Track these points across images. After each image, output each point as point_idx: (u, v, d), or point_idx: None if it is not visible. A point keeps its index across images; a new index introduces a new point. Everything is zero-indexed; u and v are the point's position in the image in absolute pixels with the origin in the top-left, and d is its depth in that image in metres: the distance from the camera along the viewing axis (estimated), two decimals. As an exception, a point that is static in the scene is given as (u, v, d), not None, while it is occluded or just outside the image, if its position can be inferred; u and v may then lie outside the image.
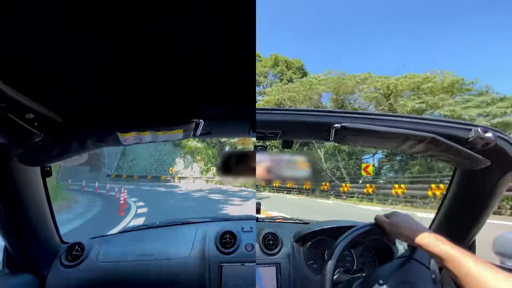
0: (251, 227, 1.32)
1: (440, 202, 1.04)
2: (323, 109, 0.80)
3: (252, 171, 0.82)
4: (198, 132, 0.85)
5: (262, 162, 0.82)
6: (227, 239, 1.24)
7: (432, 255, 0.64)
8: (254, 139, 0.93)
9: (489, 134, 0.72)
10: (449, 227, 0.99)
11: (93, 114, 0.77)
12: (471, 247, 1.00)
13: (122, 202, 9.20)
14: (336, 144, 0.98)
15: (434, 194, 9.66)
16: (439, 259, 0.62)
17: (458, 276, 0.56)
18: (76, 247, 1.15)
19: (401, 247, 1.19)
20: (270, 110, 0.77)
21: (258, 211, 1.43)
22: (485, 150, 0.74)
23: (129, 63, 0.55)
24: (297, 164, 0.88)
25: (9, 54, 0.48)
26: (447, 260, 0.60)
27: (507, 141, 0.74)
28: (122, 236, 1.40)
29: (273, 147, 10.17)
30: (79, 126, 0.77)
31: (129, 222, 7.17)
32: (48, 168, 1.01)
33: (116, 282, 1.11)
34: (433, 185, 9.95)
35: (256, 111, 0.74)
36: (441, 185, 9.77)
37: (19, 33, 0.43)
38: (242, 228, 1.31)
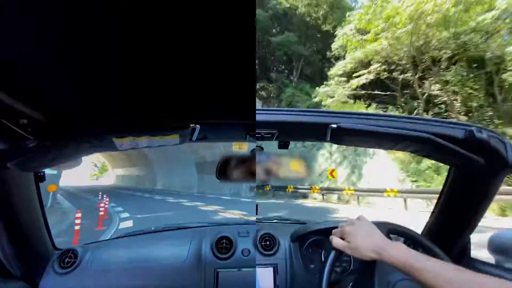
0: (247, 232, 1.31)
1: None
2: (319, 110, 0.80)
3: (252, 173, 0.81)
4: (195, 137, 0.85)
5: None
6: (223, 244, 1.23)
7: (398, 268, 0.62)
8: (251, 141, 0.93)
9: (482, 134, 0.74)
10: (444, 226, 1.01)
11: (87, 119, 0.76)
12: (466, 247, 1.01)
13: (77, 226, 5.27)
14: None
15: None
16: (406, 273, 0.60)
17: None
18: (69, 254, 1.13)
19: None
20: (267, 110, 0.78)
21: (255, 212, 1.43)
22: (479, 150, 0.76)
23: (124, 68, 0.55)
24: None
25: (1, 59, 0.47)
26: (411, 273, 0.58)
27: (500, 140, 0.76)
28: (117, 242, 1.37)
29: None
30: (74, 131, 0.76)
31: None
32: (41, 174, 0.99)
33: None
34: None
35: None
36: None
37: (12, 36, 0.42)
38: (239, 233, 1.30)
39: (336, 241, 0.74)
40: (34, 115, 0.66)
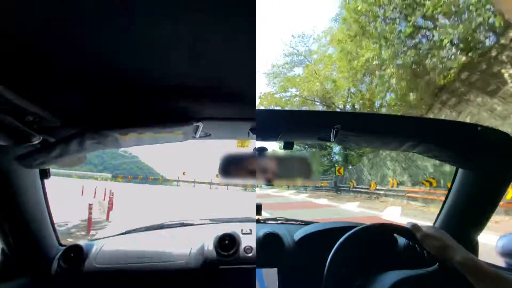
0: (250, 229, 1.31)
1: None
2: (323, 110, 0.79)
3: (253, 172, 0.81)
4: (198, 134, 0.84)
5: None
6: (226, 242, 1.23)
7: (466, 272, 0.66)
8: (254, 140, 0.93)
9: (490, 134, 0.72)
10: (451, 227, 0.99)
11: (91, 116, 0.76)
12: (474, 249, 0.99)
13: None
14: None
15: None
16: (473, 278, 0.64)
17: None
18: (74, 250, 1.14)
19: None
20: (271, 111, 0.77)
21: (259, 212, 1.42)
22: (487, 150, 0.74)
23: (128, 65, 0.55)
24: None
25: (9, 58, 0.48)
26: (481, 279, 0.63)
27: (508, 140, 0.74)
28: (121, 238, 1.39)
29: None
30: (78, 128, 0.76)
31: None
32: (46, 170, 1.00)
33: (114, 285, 1.10)
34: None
35: (257, 112, 0.74)
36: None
37: (19, 36, 0.43)
38: (242, 230, 1.30)
39: (416, 225, 0.77)
40: (40, 113, 0.67)
